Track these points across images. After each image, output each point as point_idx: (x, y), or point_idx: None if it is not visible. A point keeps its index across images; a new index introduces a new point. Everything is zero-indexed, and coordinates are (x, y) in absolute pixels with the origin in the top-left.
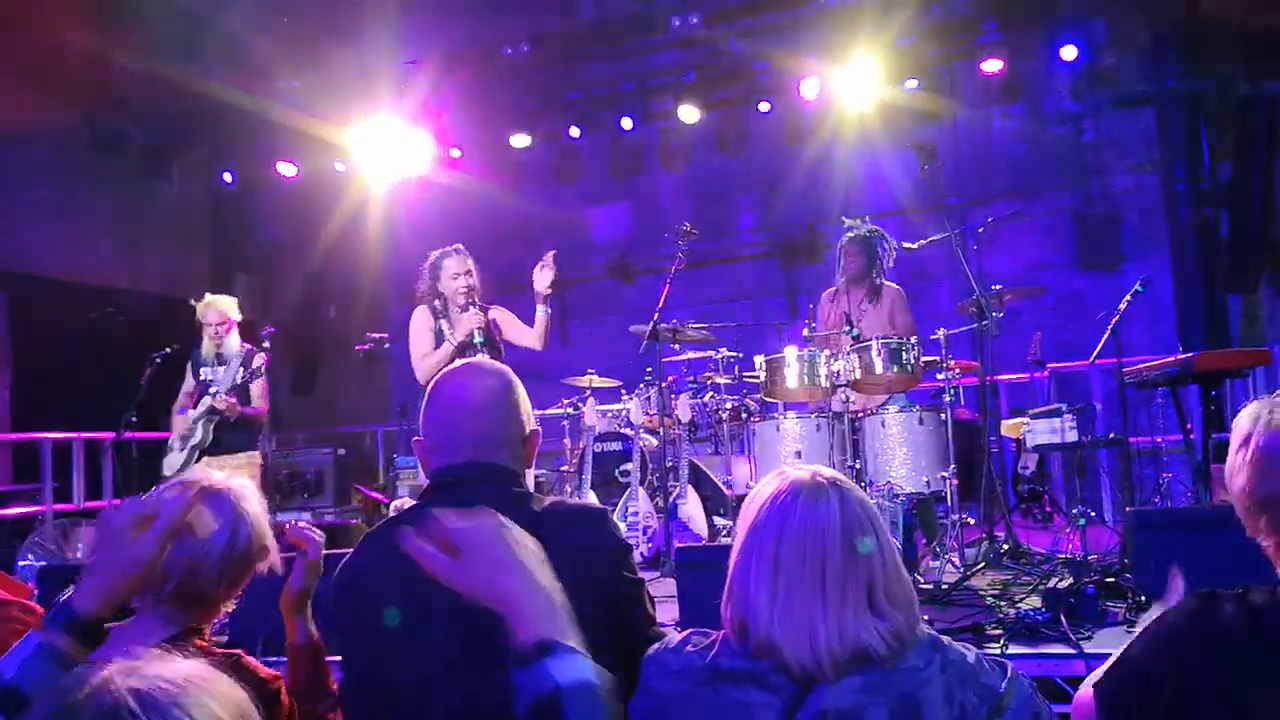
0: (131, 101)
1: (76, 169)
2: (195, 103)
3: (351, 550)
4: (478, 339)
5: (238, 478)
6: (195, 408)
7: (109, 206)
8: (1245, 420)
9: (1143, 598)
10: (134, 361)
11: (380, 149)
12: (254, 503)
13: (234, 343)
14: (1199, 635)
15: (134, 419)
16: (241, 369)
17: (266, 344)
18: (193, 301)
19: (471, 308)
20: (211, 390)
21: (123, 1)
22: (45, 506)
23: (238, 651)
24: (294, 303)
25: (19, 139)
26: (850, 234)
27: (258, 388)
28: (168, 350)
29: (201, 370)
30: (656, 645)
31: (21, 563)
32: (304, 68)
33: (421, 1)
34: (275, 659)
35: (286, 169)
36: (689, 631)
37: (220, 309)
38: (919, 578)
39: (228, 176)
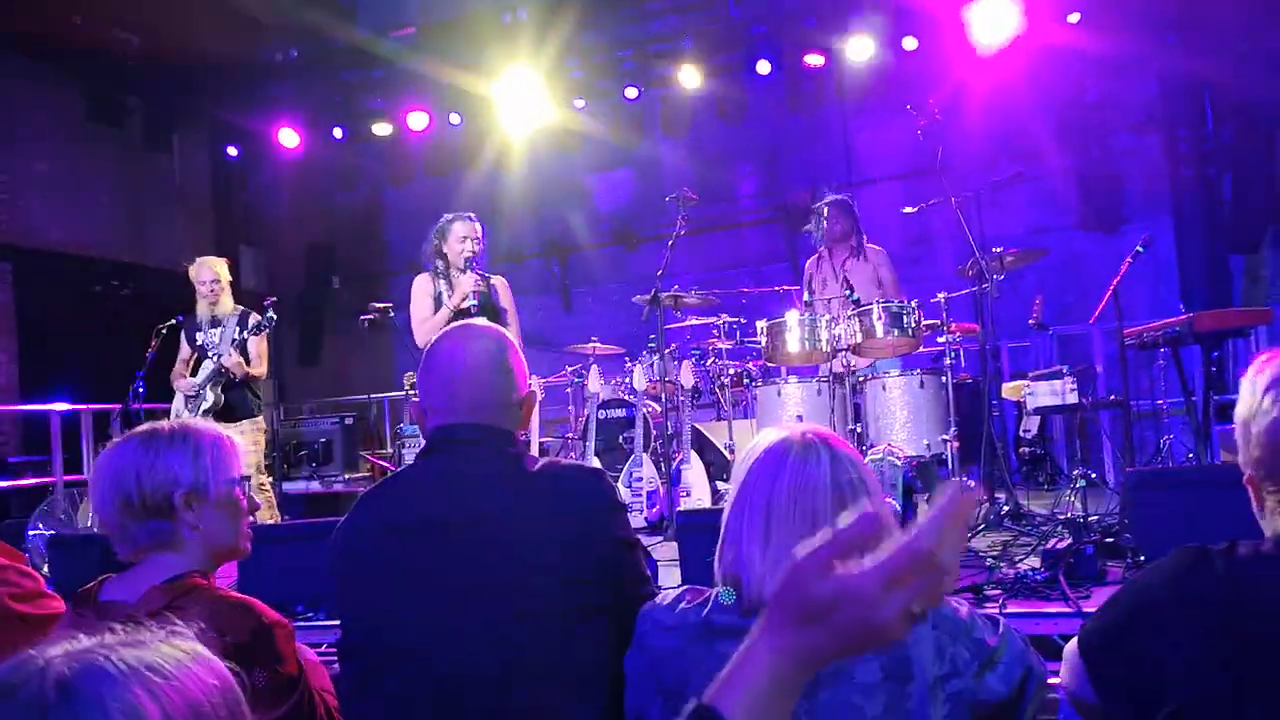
0: (131, 72)
1: (77, 141)
2: (195, 73)
3: (349, 511)
4: (471, 303)
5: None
6: (195, 374)
7: (111, 179)
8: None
9: (1141, 557)
10: (139, 333)
11: (379, 119)
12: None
13: (227, 303)
14: (1178, 588)
15: (141, 389)
16: (238, 328)
17: (271, 315)
18: (183, 264)
19: (469, 271)
20: (211, 353)
21: None
22: (55, 477)
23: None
24: (297, 274)
25: (20, 111)
26: (829, 198)
27: (255, 346)
28: (173, 321)
29: (197, 335)
30: (651, 602)
31: (32, 532)
32: (302, 36)
33: None
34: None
35: (289, 139)
36: (684, 588)
37: (211, 267)
38: None
39: (231, 150)
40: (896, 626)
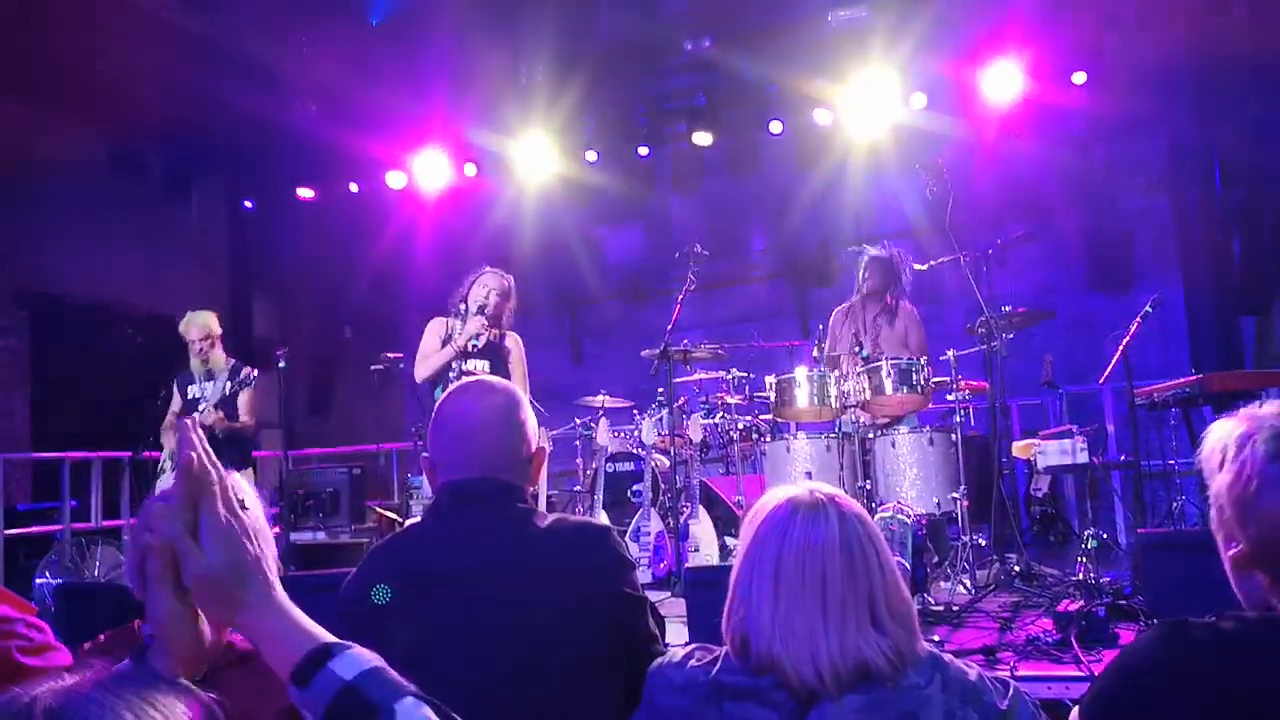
0: (153, 126)
1: (98, 192)
2: (215, 127)
3: (355, 568)
4: (475, 343)
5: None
6: None
7: (129, 228)
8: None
9: (1155, 620)
10: (153, 382)
11: (395, 173)
12: (244, 490)
13: (219, 357)
14: (1165, 662)
15: (151, 438)
16: (229, 382)
17: (282, 364)
18: (178, 320)
19: (481, 316)
20: (201, 407)
21: (150, 37)
22: (63, 525)
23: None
24: (311, 324)
25: (42, 162)
26: (873, 251)
27: (245, 400)
28: (182, 371)
29: (189, 388)
30: (660, 660)
31: (39, 580)
32: (321, 93)
33: (437, 26)
34: None
35: (305, 192)
36: (693, 646)
37: (201, 324)
38: (930, 599)
39: (247, 202)
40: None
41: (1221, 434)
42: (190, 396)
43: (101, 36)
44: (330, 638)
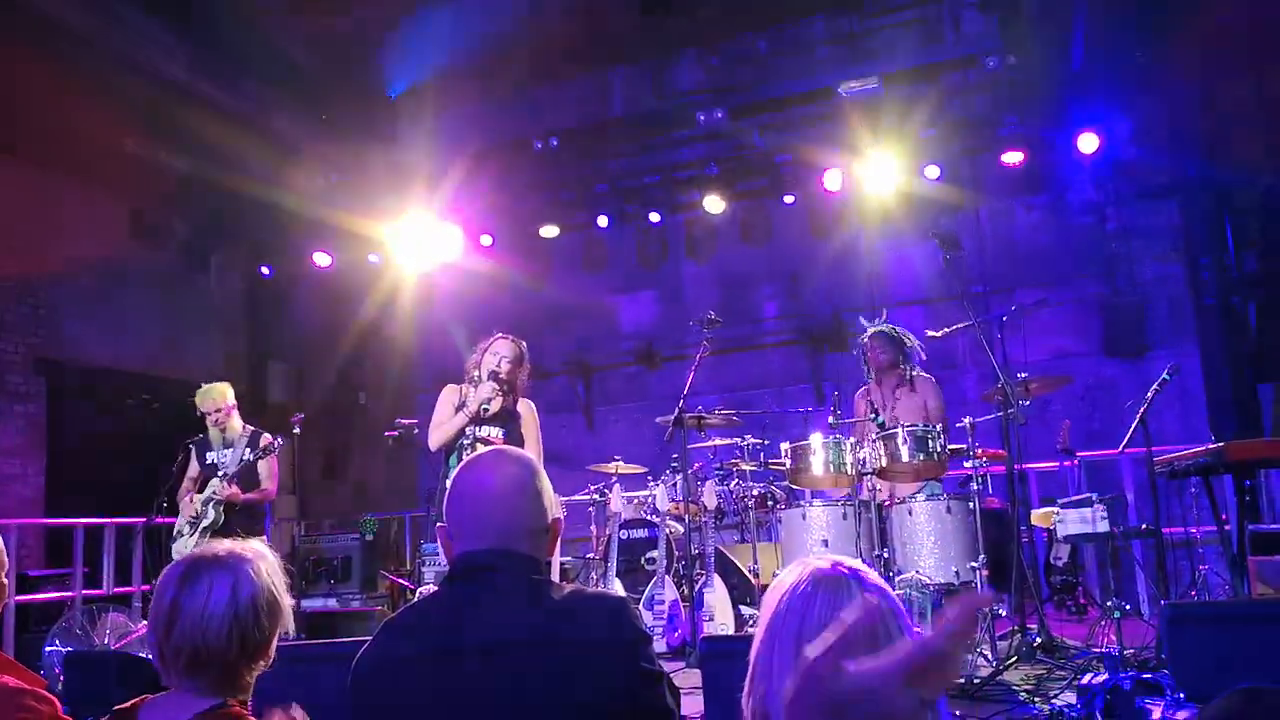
0: (176, 194)
1: (118, 259)
2: (235, 197)
3: (368, 641)
4: (485, 408)
5: (247, 545)
6: (200, 492)
7: (148, 295)
8: None
9: (1181, 694)
10: (169, 447)
11: (413, 241)
12: (260, 560)
13: (236, 425)
14: None
15: (165, 504)
16: (248, 449)
17: (297, 430)
18: (195, 387)
19: (493, 381)
20: (220, 473)
21: (174, 110)
22: (75, 592)
23: None
24: (326, 390)
25: (63, 229)
26: (872, 329)
27: (265, 468)
28: (200, 436)
29: (208, 455)
30: None
31: (49, 648)
32: (341, 163)
33: (454, 98)
34: None
35: (322, 260)
36: None
37: (214, 397)
38: None
39: (265, 269)
40: (913, 717)
41: None
42: (209, 462)
43: (124, 106)
44: None
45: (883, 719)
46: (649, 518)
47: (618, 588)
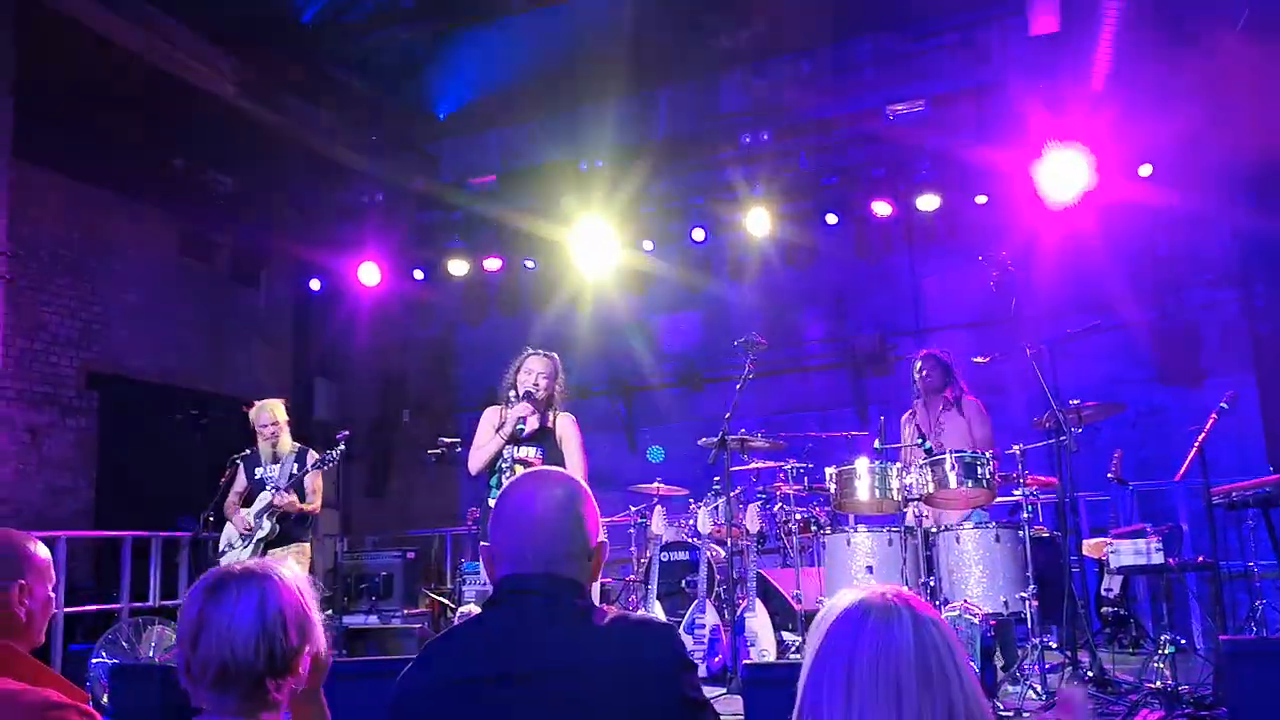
0: (224, 211)
1: (168, 274)
2: (284, 213)
3: (409, 665)
4: (520, 427)
5: (277, 558)
6: (249, 505)
7: (197, 311)
8: None
9: None
10: (215, 462)
11: (458, 258)
12: (288, 574)
13: (286, 442)
14: None
15: (211, 518)
16: (296, 464)
17: (342, 447)
18: (244, 409)
19: (526, 401)
20: (270, 487)
21: (223, 129)
22: (122, 604)
23: None
24: (371, 407)
25: (115, 245)
26: (923, 352)
27: (311, 482)
28: (247, 452)
29: (256, 470)
30: None
31: (95, 660)
32: (389, 181)
33: (499, 119)
34: None
35: (369, 277)
36: None
37: (269, 411)
38: (998, 704)
39: (315, 284)
40: None
41: None
42: (257, 477)
43: (176, 125)
44: None
45: None
46: (690, 540)
47: (658, 610)
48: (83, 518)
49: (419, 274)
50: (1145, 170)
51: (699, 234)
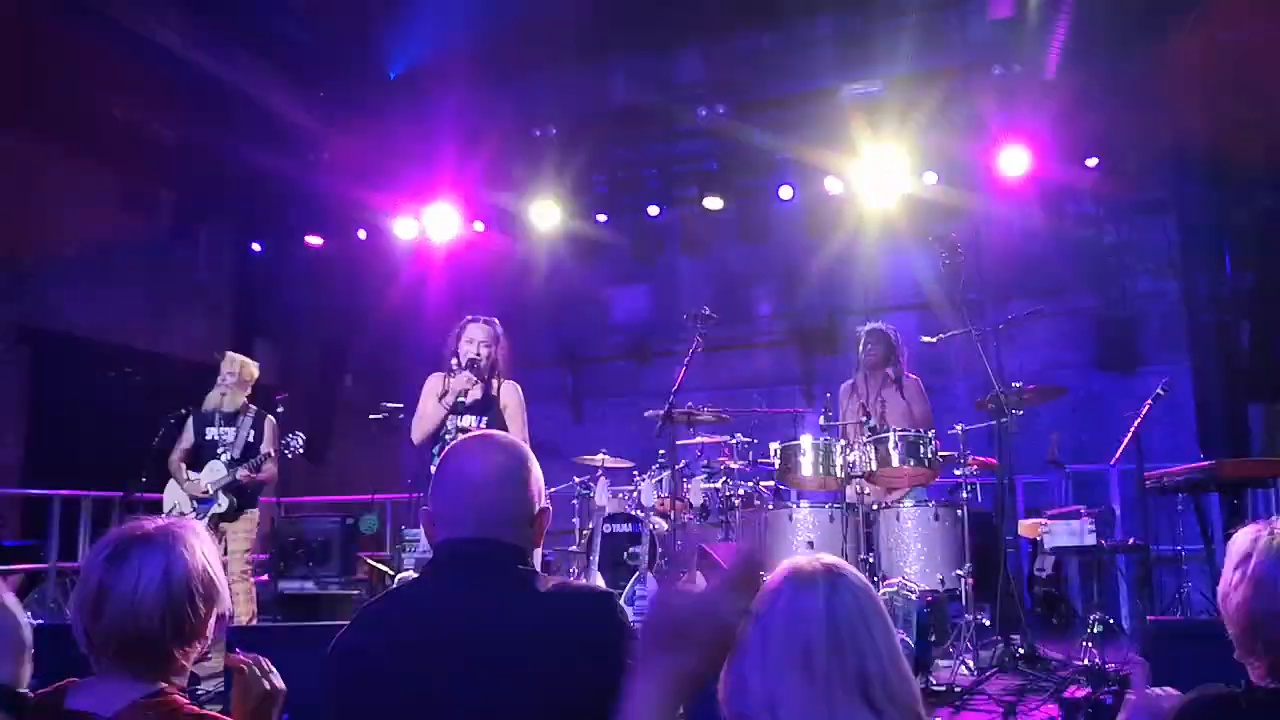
0: (165, 167)
1: (107, 229)
2: (226, 170)
3: (345, 627)
4: (462, 400)
5: (177, 521)
6: (199, 469)
7: (136, 267)
8: (1244, 540)
9: None
10: (149, 421)
11: (404, 223)
12: (193, 537)
13: (240, 400)
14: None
15: (144, 479)
16: (252, 430)
17: (280, 409)
18: (201, 354)
19: (466, 372)
20: (221, 451)
21: (167, 80)
22: (49, 564)
23: (216, 716)
24: (312, 371)
25: (52, 196)
26: (869, 325)
27: (270, 448)
28: (182, 411)
29: (207, 430)
30: None
31: None
32: (336, 141)
33: (452, 79)
34: None
35: (313, 239)
36: None
37: (241, 364)
38: (931, 680)
39: (255, 246)
40: (739, 623)
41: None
42: (209, 438)
43: (117, 74)
44: None
45: (718, 632)
46: (634, 513)
47: (599, 581)
48: (10, 475)
49: (362, 234)
50: (1092, 162)
51: (654, 210)
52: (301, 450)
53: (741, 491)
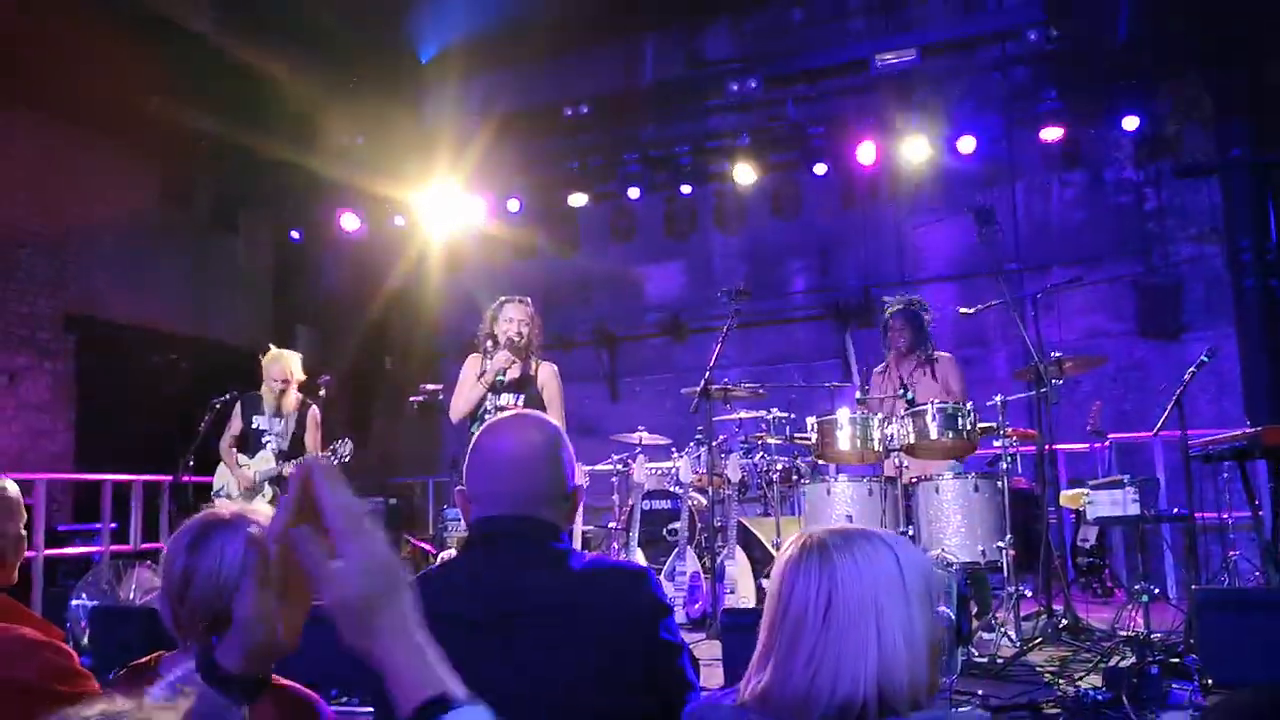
0: (204, 155)
1: (148, 218)
2: (263, 160)
3: None
4: (501, 379)
5: (248, 507)
6: (250, 457)
7: (178, 256)
8: None
9: (1209, 680)
10: (195, 407)
11: (440, 207)
12: (265, 522)
13: (292, 399)
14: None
15: (191, 462)
16: (297, 423)
17: (323, 392)
18: (261, 356)
19: (505, 351)
20: (267, 440)
21: (202, 69)
22: (102, 547)
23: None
24: (353, 354)
25: (94, 189)
26: (892, 308)
27: (311, 440)
28: (227, 396)
29: (255, 419)
30: (695, 704)
31: (75, 602)
32: (369, 127)
33: (484, 63)
34: (348, 707)
35: (350, 223)
36: (729, 690)
37: (284, 365)
38: (973, 650)
39: (294, 233)
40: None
41: None
42: (256, 426)
43: (150, 61)
44: (453, 687)
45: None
46: (672, 489)
47: (639, 558)
48: (62, 461)
49: (400, 220)
50: (1131, 122)
51: (686, 187)
52: (349, 458)
53: (780, 466)
